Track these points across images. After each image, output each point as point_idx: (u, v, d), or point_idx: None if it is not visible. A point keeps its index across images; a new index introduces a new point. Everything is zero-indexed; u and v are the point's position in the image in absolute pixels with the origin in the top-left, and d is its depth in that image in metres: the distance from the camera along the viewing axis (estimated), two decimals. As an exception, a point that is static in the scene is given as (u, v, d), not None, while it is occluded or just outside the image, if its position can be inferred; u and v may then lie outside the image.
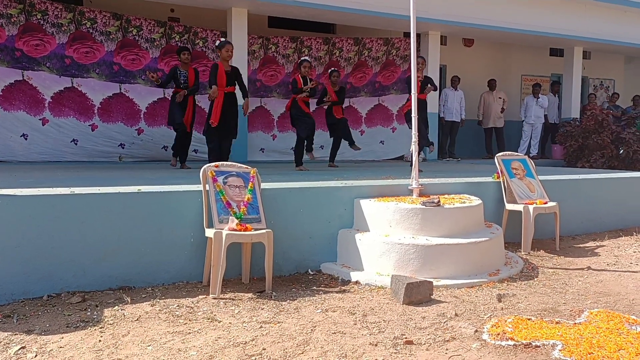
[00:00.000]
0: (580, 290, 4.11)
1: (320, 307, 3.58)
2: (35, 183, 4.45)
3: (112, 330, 3.09)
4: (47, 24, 8.04)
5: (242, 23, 8.78)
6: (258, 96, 9.74)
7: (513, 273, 4.47)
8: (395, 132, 10.89)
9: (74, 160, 8.18)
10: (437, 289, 3.92)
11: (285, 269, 4.42)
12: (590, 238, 6.13)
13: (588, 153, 10.65)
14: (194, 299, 3.69)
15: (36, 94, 8.04)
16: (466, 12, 10.03)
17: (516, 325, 3.21)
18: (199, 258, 4.06)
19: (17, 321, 3.21)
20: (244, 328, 3.15)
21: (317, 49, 10.16)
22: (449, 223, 4.43)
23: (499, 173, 5.71)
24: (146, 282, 3.94)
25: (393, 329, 3.18)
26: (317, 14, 9.26)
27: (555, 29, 11.01)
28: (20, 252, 3.55)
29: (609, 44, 11.98)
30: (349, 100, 10.43)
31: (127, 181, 4.77)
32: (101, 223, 3.79)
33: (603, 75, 14.73)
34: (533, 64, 13.54)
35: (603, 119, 10.76)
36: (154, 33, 8.77)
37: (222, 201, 3.96)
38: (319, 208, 4.58)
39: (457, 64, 12.20)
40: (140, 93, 8.71)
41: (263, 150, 9.80)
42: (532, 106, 11.91)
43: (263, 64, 9.75)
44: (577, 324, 3.26)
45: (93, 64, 8.39)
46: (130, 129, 8.65)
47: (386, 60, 10.77)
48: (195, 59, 8.99)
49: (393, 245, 4.21)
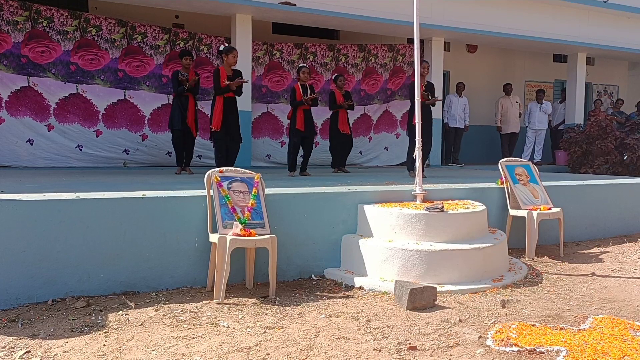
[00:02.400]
0: (585, 296, 4.10)
1: (324, 312, 3.58)
2: (40, 188, 4.48)
3: (117, 335, 3.09)
4: (53, 31, 8.11)
5: (247, 29, 8.82)
6: (264, 102, 9.75)
7: (517, 279, 4.46)
8: (399, 139, 10.90)
9: (79, 165, 8.22)
10: (440, 294, 3.92)
11: (289, 274, 4.43)
12: (595, 244, 6.11)
13: (592, 159, 10.63)
14: (198, 304, 3.70)
15: (41, 100, 8.09)
16: (469, 18, 10.06)
17: (520, 331, 3.20)
18: (203, 263, 4.07)
19: (22, 325, 3.23)
20: (247, 333, 3.15)
21: (322, 55, 10.19)
22: (453, 229, 4.43)
23: (502, 179, 5.71)
24: (150, 287, 3.95)
25: (397, 334, 3.17)
26: (321, 20, 9.31)
27: (558, 35, 11.02)
28: (25, 256, 3.57)
29: (613, 50, 11.99)
30: (364, 107, 10.46)
31: (132, 186, 4.79)
32: (106, 228, 3.81)
33: (607, 82, 14.72)
34: (536, 70, 13.55)
35: (607, 124, 10.75)
36: (158, 40, 8.82)
37: (228, 206, 3.98)
38: (323, 213, 4.59)
39: (460, 70, 12.22)
40: (145, 99, 8.75)
41: (269, 157, 9.79)
42: (536, 112, 11.90)
43: (268, 70, 9.77)
44: (581, 330, 3.25)
45: (98, 71, 8.45)
46: (134, 135, 8.69)
47: (394, 66, 10.80)
48: (200, 65, 9.04)
49: (397, 250, 4.21)
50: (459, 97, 11.20)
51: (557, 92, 13.47)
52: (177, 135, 7.27)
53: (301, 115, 7.30)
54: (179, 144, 7.29)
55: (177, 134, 7.25)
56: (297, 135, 7.36)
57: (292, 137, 7.45)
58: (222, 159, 6.63)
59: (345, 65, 10.35)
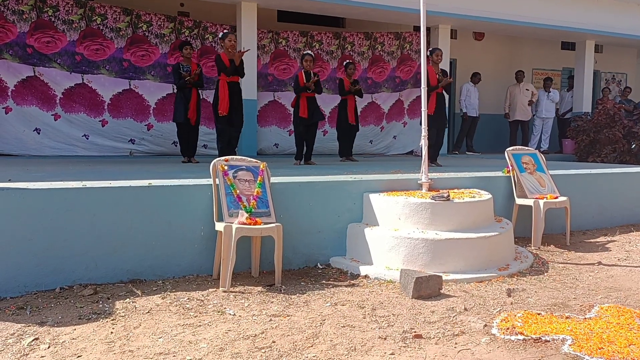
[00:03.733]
0: (591, 285, 4.09)
1: (329, 300, 3.59)
2: (47, 177, 4.50)
3: (124, 322, 3.12)
4: (58, 21, 8.09)
5: (252, 17, 8.77)
6: (271, 90, 9.70)
7: (523, 268, 4.46)
8: (406, 127, 10.87)
9: (85, 154, 8.25)
10: (446, 283, 3.92)
11: (295, 263, 4.44)
12: (601, 233, 6.09)
13: (599, 148, 10.56)
14: (204, 292, 3.72)
15: (47, 90, 8.10)
16: (476, 5, 9.95)
17: (526, 319, 3.20)
18: (209, 251, 4.09)
19: (30, 313, 3.26)
20: (253, 321, 3.17)
21: (327, 43, 10.13)
22: (459, 217, 4.42)
23: (509, 167, 5.68)
24: (157, 275, 3.98)
25: (402, 322, 3.18)
26: (327, 8, 9.24)
27: (566, 22, 10.90)
28: (32, 244, 3.60)
29: (621, 38, 11.84)
30: (372, 96, 10.41)
31: (138, 175, 4.80)
32: (112, 216, 3.83)
33: (615, 69, 14.57)
34: (544, 57, 13.42)
35: (615, 113, 10.66)
36: (163, 28, 8.80)
37: (233, 195, 3.98)
38: (328, 202, 4.59)
39: (467, 58, 12.12)
40: (150, 89, 8.75)
41: (277, 146, 9.75)
42: (543, 100, 11.83)
43: (274, 58, 9.72)
44: (587, 319, 3.24)
45: (103, 61, 8.44)
46: (140, 125, 8.71)
47: (402, 54, 10.73)
48: (205, 54, 9.02)
49: (402, 239, 4.21)
50: (475, 86, 11.28)
51: (565, 80, 13.35)
52: (180, 128, 7.28)
53: (304, 103, 7.26)
54: (184, 136, 7.30)
55: (180, 127, 7.26)
56: (302, 124, 7.34)
57: (297, 125, 7.44)
58: (224, 144, 6.64)
59: (351, 53, 10.28)
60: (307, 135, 7.43)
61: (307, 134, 7.43)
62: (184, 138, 7.32)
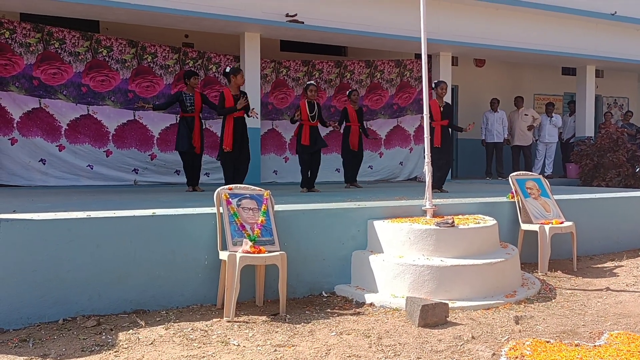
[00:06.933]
0: (600, 311, 4.03)
1: (334, 329, 3.55)
2: (51, 207, 4.50)
3: (127, 354, 3.08)
4: (65, 53, 8.22)
5: (255, 47, 8.90)
6: (270, 119, 9.82)
7: (530, 294, 4.40)
8: (412, 153, 10.93)
9: (89, 184, 8.29)
10: (452, 310, 3.87)
11: (299, 291, 4.40)
12: (608, 258, 6.03)
13: (604, 172, 10.55)
14: (208, 322, 3.68)
15: (53, 121, 8.19)
16: (477, 33, 10.08)
17: (535, 348, 3.15)
18: (213, 281, 4.06)
19: (33, 345, 3.23)
20: (258, 352, 3.13)
21: (328, 72, 10.25)
22: (464, 244, 4.40)
23: (513, 193, 5.67)
24: (160, 305, 3.94)
25: (409, 352, 3.13)
26: (329, 37, 9.37)
27: (566, 48, 11.01)
28: (36, 276, 3.58)
29: (622, 62, 11.94)
30: (367, 122, 10.48)
31: (142, 205, 4.81)
32: (116, 246, 3.82)
33: (617, 94, 14.64)
34: (545, 83, 13.52)
35: (618, 137, 10.68)
36: (168, 59, 8.93)
37: (236, 223, 3.97)
38: (332, 229, 4.57)
39: (469, 85, 12.23)
40: (154, 119, 8.84)
41: (276, 172, 9.85)
42: (546, 125, 11.87)
43: (274, 88, 9.85)
44: (597, 347, 3.19)
45: (108, 92, 8.55)
46: (143, 155, 8.77)
47: (401, 82, 10.84)
48: (209, 85, 9.12)
49: (407, 266, 4.18)
50: (494, 113, 11.47)
51: (566, 105, 13.41)
52: (184, 158, 7.30)
53: (307, 131, 7.36)
54: (188, 165, 7.32)
55: (184, 156, 7.28)
56: (305, 151, 7.39)
57: (301, 153, 7.48)
58: (230, 178, 6.66)
59: (349, 81, 10.40)
60: (311, 164, 7.48)
61: (312, 162, 7.48)
62: (189, 167, 7.34)
